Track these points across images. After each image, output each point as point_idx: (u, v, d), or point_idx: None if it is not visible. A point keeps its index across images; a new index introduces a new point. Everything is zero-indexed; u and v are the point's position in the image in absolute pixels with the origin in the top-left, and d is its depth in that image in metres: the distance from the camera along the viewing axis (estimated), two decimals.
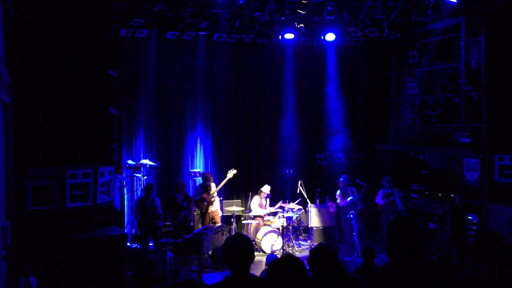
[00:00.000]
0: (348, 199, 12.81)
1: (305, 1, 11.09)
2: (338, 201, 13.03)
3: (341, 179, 12.98)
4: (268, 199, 12.96)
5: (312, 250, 4.73)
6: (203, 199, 12.12)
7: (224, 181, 12.36)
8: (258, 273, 7.44)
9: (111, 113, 8.96)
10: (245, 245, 3.80)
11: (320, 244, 4.84)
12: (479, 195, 11.36)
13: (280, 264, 3.40)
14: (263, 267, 9.31)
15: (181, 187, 11.91)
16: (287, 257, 3.45)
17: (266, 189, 12.82)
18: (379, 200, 12.96)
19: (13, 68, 6.72)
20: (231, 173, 12.42)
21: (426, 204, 12.58)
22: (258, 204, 12.82)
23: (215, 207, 12.34)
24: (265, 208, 12.85)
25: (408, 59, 13.75)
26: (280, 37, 12.99)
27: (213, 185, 12.30)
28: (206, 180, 12.27)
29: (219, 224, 11.96)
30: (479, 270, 4.36)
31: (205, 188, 12.22)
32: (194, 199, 12.20)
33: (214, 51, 13.84)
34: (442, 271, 4.12)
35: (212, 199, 12.19)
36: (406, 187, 13.32)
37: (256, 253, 11.97)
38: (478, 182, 11.38)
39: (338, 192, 13.02)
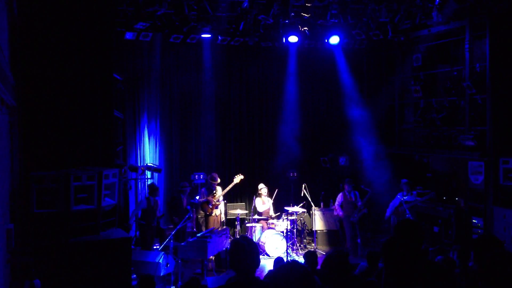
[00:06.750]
0: None
1: (309, 4, 11.10)
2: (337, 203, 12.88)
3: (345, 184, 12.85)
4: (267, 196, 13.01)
5: (327, 256, 4.70)
6: (208, 202, 12.13)
7: (230, 186, 12.37)
8: (263, 273, 7.44)
9: (115, 116, 8.97)
10: (250, 250, 3.78)
11: (334, 251, 4.80)
12: (484, 198, 11.32)
13: (285, 270, 3.38)
14: (268, 269, 9.28)
15: (184, 188, 11.99)
16: (293, 264, 3.42)
17: (261, 185, 12.95)
18: (390, 210, 12.61)
19: (17, 71, 6.73)
20: (238, 178, 12.44)
21: (431, 207, 12.53)
22: (261, 203, 12.87)
23: (220, 211, 12.35)
24: (267, 206, 12.88)
25: (412, 62, 13.73)
26: (284, 40, 12.99)
27: (219, 188, 12.31)
28: (212, 181, 12.27)
29: (222, 227, 11.97)
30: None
31: (211, 190, 12.23)
32: (199, 201, 12.21)
33: (218, 54, 13.86)
34: (445, 274, 4.10)
35: (217, 202, 12.19)
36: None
37: (260, 256, 11.97)
38: (482, 185, 11.35)
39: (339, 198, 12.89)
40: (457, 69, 12.50)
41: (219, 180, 12.35)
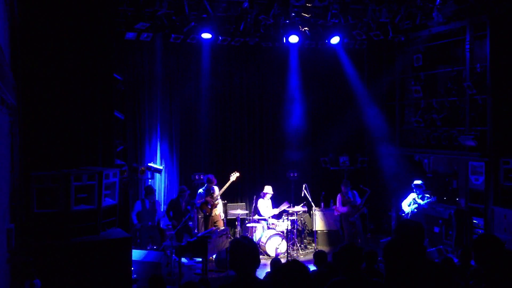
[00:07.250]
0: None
1: (309, 5, 11.10)
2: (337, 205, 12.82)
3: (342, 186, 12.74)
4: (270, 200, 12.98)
5: (339, 250, 4.65)
6: (207, 202, 12.13)
7: (227, 184, 12.34)
8: (261, 276, 7.42)
9: (115, 116, 8.98)
10: (250, 249, 3.78)
11: (346, 245, 4.74)
12: (484, 199, 11.31)
13: (285, 270, 3.39)
14: (267, 270, 9.28)
15: (182, 192, 12.02)
16: (293, 263, 3.43)
17: (269, 189, 12.86)
18: (405, 207, 12.20)
19: (18, 70, 6.74)
20: (234, 176, 12.43)
21: (431, 208, 12.53)
22: (266, 206, 12.83)
23: (219, 210, 12.35)
24: (270, 209, 12.85)
25: (412, 62, 13.71)
26: (284, 40, 12.97)
27: (216, 188, 12.31)
28: (209, 183, 12.29)
29: (222, 227, 11.96)
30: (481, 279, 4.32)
31: (209, 191, 12.24)
32: (198, 203, 12.22)
33: (218, 54, 13.85)
34: (445, 274, 4.10)
35: (216, 202, 12.20)
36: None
37: (260, 257, 11.96)
38: (483, 185, 11.34)
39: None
40: (458, 70, 12.48)
41: (215, 182, 12.37)
